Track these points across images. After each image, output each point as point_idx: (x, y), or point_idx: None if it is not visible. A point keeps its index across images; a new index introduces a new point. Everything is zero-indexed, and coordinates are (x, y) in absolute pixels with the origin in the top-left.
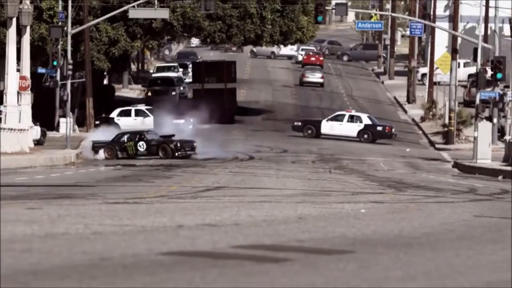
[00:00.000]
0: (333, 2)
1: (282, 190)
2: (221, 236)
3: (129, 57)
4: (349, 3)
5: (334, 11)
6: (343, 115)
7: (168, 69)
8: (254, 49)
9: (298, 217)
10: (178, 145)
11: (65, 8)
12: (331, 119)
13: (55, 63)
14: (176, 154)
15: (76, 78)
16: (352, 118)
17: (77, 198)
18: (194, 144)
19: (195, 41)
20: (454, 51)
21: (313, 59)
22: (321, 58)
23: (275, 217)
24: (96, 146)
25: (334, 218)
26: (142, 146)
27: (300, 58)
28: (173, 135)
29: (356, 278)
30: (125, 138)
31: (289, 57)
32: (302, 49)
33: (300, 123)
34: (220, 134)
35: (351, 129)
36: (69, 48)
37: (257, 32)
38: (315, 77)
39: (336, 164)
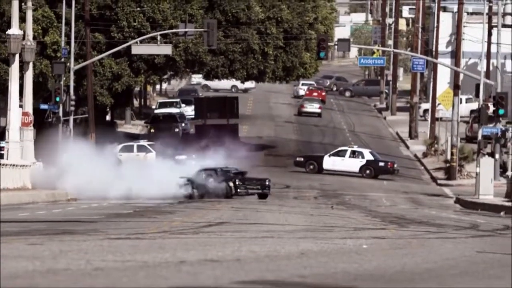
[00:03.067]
0: (336, 38)
1: (284, 225)
2: (223, 271)
3: (132, 92)
4: (352, 39)
5: (336, 47)
6: (345, 151)
7: (171, 104)
8: (208, 83)
9: (300, 252)
10: (238, 182)
11: (68, 43)
12: (333, 155)
13: (57, 99)
14: (237, 191)
15: (78, 113)
16: (354, 154)
17: (78, 234)
18: (267, 182)
19: (196, 79)
20: (456, 87)
21: (315, 94)
22: (323, 93)
23: (277, 252)
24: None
25: (336, 254)
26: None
27: (301, 92)
28: (245, 172)
29: None
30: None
31: (245, 90)
32: (303, 84)
33: (302, 159)
34: None
35: (353, 164)
36: (71, 84)
37: (259, 68)
38: (313, 107)
39: (338, 199)
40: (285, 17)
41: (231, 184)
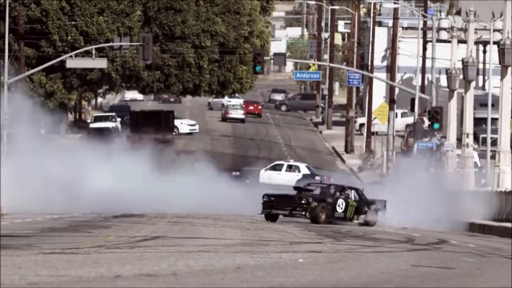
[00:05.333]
0: (272, 52)
1: (220, 239)
2: (159, 286)
3: (66, 107)
4: (288, 53)
5: (272, 61)
6: (282, 165)
7: (106, 118)
8: (210, 101)
9: (236, 267)
10: (264, 200)
11: (0, 57)
12: (270, 169)
13: None
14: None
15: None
16: (290, 168)
17: (12, 249)
18: (302, 200)
19: (129, 95)
20: (391, 101)
21: (251, 107)
22: (260, 107)
23: (213, 266)
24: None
25: (273, 268)
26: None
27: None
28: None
29: None
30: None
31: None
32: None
33: (238, 173)
34: None
35: (290, 178)
36: (5, 99)
37: (195, 82)
38: (237, 113)
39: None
40: (220, 30)
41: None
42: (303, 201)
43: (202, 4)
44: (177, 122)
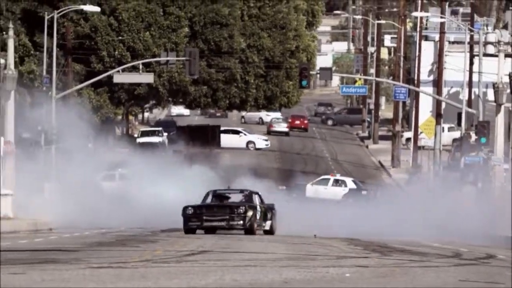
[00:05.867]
0: (318, 67)
1: (267, 254)
2: None
3: (113, 122)
4: (334, 68)
5: (318, 75)
6: (328, 179)
7: (153, 133)
8: (244, 115)
9: (283, 281)
10: (191, 212)
11: (48, 72)
12: (316, 183)
13: (39, 128)
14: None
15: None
16: (337, 182)
17: (61, 263)
18: (239, 209)
19: (175, 110)
20: (438, 116)
21: (297, 122)
22: (306, 122)
23: (260, 281)
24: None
25: (319, 282)
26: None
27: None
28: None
29: None
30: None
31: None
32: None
33: (284, 188)
34: None
35: (336, 193)
36: (53, 113)
37: (241, 97)
38: (281, 127)
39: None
40: (266, 45)
41: (183, 213)
42: (240, 210)
43: (248, 19)
44: (253, 137)
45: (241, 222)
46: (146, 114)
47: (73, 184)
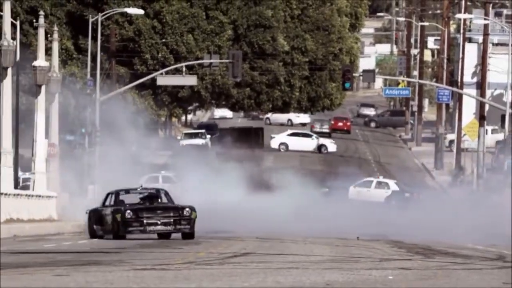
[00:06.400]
0: (361, 69)
1: (310, 256)
2: None
3: (156, 124)
4: (377, 70)
5: (361, 77)
6: (371, 181)
7: (196, 135)
8: (269, 116)
9: (325, 283)
10: (131, 216)
11: (91, 75)
12: (359, 185)
13: (83, 130)
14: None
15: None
16: (379, 184)
17: (104, 265)
18: (184, 211)
19: (218, 112)
20: (481, 118)
21: (340, 124)
22: (348, 124)
23: (302, 283)
24: None
25: (362, 285)
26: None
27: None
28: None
29: None
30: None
31: (303, 124)
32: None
33: (327, 189)
34: None
35: (379, 195)
36: (97, 116)
37: (284, 99)
38: (323, 127)
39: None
40: (310, 47)
41: (119, 217)
42: (186, 213)
43: (290, 20)
44: (325, 141)
45: (188, 226)
46: (190, 117)
47: (116, 186)
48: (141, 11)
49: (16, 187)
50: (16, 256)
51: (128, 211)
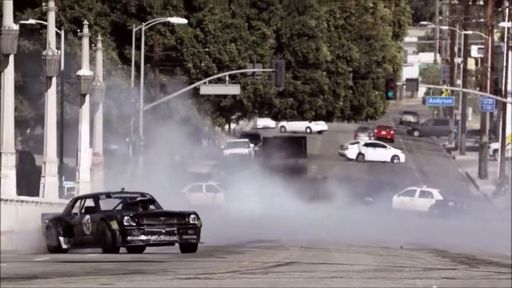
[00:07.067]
0: (404, 78)
1: (353, 265)
2: None
3: (200, 133)
4: (420, 79)
5: (404, 86)
6: (415, 191)
7: (239, 144)
8: (285, 124)
9: None
10: (130, 222)
11: (136, 84)
12: (403, 194)
13: (127, 139)
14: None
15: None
16: (423, 194)
17: (148, 274)
18: (190, 218)
19: (261, 122)
20: None
21: (383, 132)
22: (392, 132)
23: None
24: None
25: None
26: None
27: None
28: (153, 201)
29: None
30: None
31: (320, 132)
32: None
33: (371, 199)
34: None
35: (423, 204)
36: (141, 125)
37: (328, 108)
38: (365, 136)
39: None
40: (354, 57)
41: (115, 225)
42: (192, 220)
43: (334, 30)
44: (397, 152)
45: (195, 236)
46: (233, 126)
47: (159, 195)
48: (185, 21)
49: (60, 196)
50: (61, 264)
51: (127, 217)
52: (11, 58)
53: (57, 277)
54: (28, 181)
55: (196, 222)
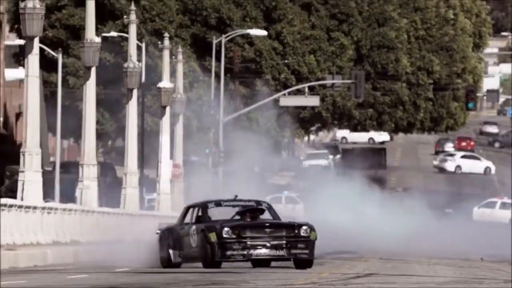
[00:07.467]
0: (484, 89)
1: (434, 277)
2: None
3: (279, 145)
4: (501, 90)
5: (485, 97)
6: (495, 202)
7: (319, 156)
8: (347, 136)
9: None
10: (230, 235)
11: (216, 96)
12: (483, 206)
13: (207, 151)
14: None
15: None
16: (504, 205)
17: (229, 284)
18: (301, 230)
19: (340, 133)
20: None
21: (464, 144)
22: (472, 143)
23: None
24: None
25: None
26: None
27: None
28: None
29: None
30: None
31: (382, 143)
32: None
33: (451, 210)
34: None
35: (503, 216)
36: (220, 136)
37: (409, 120)
38: (448, 146)
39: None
40: (435, 68)
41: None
42: (303, 232)
43: (414, 41)
44: (490, 164)
45: (307, 251)
46: (312, 137)
47: None
48: (265, 32)
49: (141, 207)
50: (142, 275)
51: (226, 228)
52: (93, 70)
53: None
54: (110, 192)
55: (309, 235)
